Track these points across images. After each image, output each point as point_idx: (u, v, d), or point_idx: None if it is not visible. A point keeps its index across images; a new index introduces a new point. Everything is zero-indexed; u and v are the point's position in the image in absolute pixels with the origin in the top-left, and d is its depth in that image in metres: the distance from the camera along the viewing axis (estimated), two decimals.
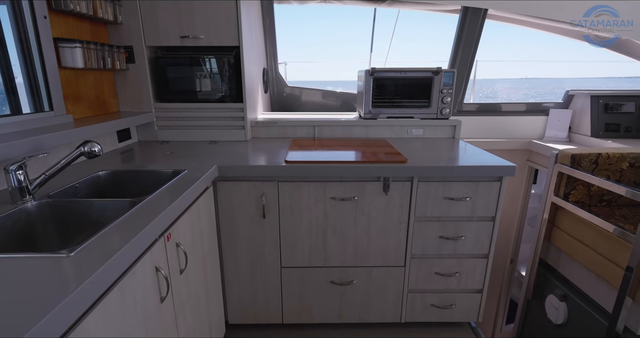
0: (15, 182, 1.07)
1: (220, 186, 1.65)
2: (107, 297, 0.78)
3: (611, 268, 1.63)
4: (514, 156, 2.83)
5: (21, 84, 1.46)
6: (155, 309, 1.02)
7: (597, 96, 2.60)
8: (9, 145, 1.12)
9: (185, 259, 1.21)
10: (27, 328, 0.55)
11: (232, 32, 1.95)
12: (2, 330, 0.55)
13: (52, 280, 0.69)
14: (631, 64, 2.69)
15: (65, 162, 1.15)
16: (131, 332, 0.88)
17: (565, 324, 1.96)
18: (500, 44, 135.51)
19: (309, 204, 1.69)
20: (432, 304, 1.87)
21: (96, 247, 0.82)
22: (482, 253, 1.79)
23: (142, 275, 0.94)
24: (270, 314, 1.88)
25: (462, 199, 1.69)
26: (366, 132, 2.28)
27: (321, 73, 4.34)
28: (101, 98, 1.93)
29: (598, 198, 2.01)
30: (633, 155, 1.97)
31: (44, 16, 1.46)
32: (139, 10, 1.92)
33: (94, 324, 0.73)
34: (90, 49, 1.67)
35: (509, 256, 3.10)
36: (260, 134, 2.27)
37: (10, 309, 0.61)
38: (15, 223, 1.03)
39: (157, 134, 2.14)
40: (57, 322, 0.61)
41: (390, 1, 2.58)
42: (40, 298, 0.63)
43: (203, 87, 2.11)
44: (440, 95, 2.18)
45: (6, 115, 1.37)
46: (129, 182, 1.46)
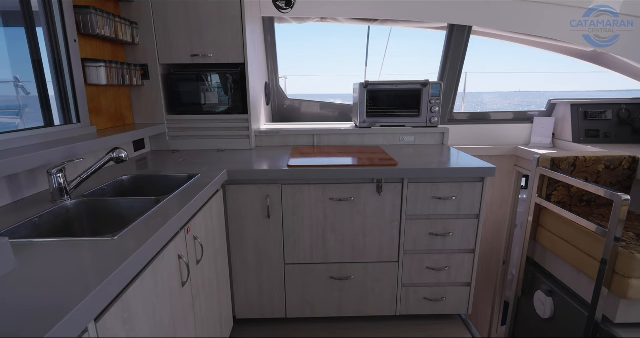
0: (56, 183, 1.24)
1: (229, 189, 1.82)
2: (144, 274, 0.94)
3: (590, 263, 1.76)
4: (502, 162, 3.00)
5: (52, 99, 1.64)
6: (178, 291, 1.18)
7: (576, 105, 2.79)
8: (50, 152, 1.29)
9: (201, 251, 1.38)
10: (96, 285, 0.73)
11: (238, 51, 2.16)
12: (85, 286, 0.73)
13: (106, 255, 0.87)
14: (607, 74, 2.89)
15: (97, 166, 1.32)
16: (160, 306, 1.04)
17: (552, 318, 2.07)
18: (488, 57, 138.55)
19: (309, 205, 1.85)
20: (425, 297, 2.02)
21: (133, 234, 0.99)
22: (469, 248, 1.95)
23: (169, 260, 1.11)
24: (275, 309, 2.02)
25: (448, 198, 1.86)
26: (362, 139, 2.46)
27: (319, 86, 4.56)
28: (119, 111, 2.12)
29: (578, 198, 2.17)
30: (608, 158, 2.13)
31: (74, 40, 1.66)
32: (154, 32, 2.13)
33: (134, 294, 0.89)
34: (112, 68, 1.86)
35: (501, 258, 3.24)
36: (264, 142, 2.45)
37: (81, 273, 0.79)
38: (58, 218, 1.19)
39: (169, 143, 2.32)
40: (114, 283, 0.78)
41: (382, 20, 2.80)
42: (100, 268, 0.81)
43: (211, 101, 2.31)
44: (429, 105, 2.37)
45: (41, 126, 1.55)
46: (148, 185, 1.64)
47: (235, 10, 2.09)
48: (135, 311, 0.89)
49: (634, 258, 1.57)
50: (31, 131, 1.46)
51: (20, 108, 1.79)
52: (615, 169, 2.15)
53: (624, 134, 2.75)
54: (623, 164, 2.14)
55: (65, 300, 0.67)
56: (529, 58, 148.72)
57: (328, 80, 6.12)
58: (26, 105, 1.76)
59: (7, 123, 1.70)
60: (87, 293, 0.69)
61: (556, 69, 52.14)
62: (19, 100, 1.71)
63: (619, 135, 2.75)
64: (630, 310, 1.63)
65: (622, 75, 2.92)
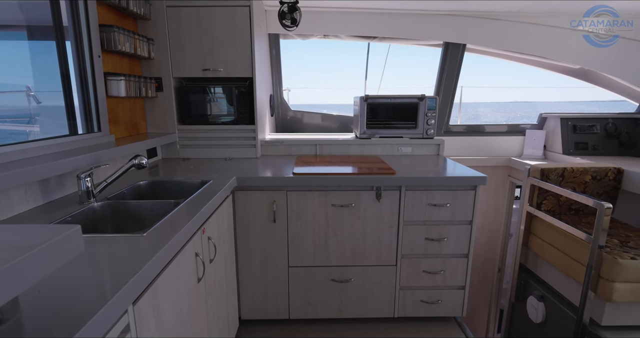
0: (84, 187, 1.36)
1: (238, 195, 1.94)
2: (169, 267, 1.06)
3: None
4: (496, 172, 3.14)
5: (76, 109, 1.77)
6: (194, 286, 1.29)
7: (566, 118, 2.94)
8: (78, 158, 1.42)
9: (214, 251, 1.49)
10: (134, 272, 0.84)
11: (246, 66, 2.31)
12: (126, 273, 0.85)
13: (138, 249, 0.99)
14: (592, 89, 3.05)
15: (121, 171, 1.45)
16: (180, 296, 1.16)
17: (544, 323, 2.15)
18: (484, 72, 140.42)
19: (313, 210, 1.97)
20: (422, 300, 2.12)
21: (160, 231, 1.11)
22: (463, 253, 2.06)
23: (188, 257, 1.22)
24: (279, 310, 2.12)
25: (443, 205, 1.98)
26: (361, 150, 2.60)
27: (322, 98, 4.73)
28: (134, 121, 2.25)
29: (567, 207, 2.29)
30: (594, 169, 2.26)
31: (98, 56, 1.80)
32: (169, 48, 2.28)
33: (162, 284, 1.01)
34: (130, 81, 2.00)
35: (496, 266, 3.34)
36: (269, 152, 2.59)
37: (120, 265, 0.91)
38: (87, 218, 1.31)
39: (179, 151, 2.45)
40: (149, 270, 0.90)
41: (381, 37, 2.97)
42: (135, 259, 0.93)
43: (220, 111, 2.45)
44: (425, 118, 2.52)
45: (67, 135, 1.68)
46: (163, 190, 1.76)
47: (245, 28, 2.25)
48: (162, 299, 1.01)
49: (617, 263, 1.68)
50: (58, 139, 1.58)
51: (31, 117, 1.93)
52: (601, 179, 2.28)
53: (611, 146, 2.89)
54: (608, 175, 2.27)
55: (112, 283, 0.79)
56: (522, 74, 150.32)
57: (330, 92, 6.28)
58: (37, 114, 1.90)
59: (18, 131, 1.84)
60: (128, 279, 0.81)
61: (547, 84, 53.07)
62: (30, 109, 1.85)
63: (607, 147, 2.89)
64: (616, 313, 1.73)
65: (607, 90, 3.09)
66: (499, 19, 2.79)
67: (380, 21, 2.83)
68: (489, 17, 2.79)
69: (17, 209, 1.26)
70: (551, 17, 2.75)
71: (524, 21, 2.78)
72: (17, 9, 1.68)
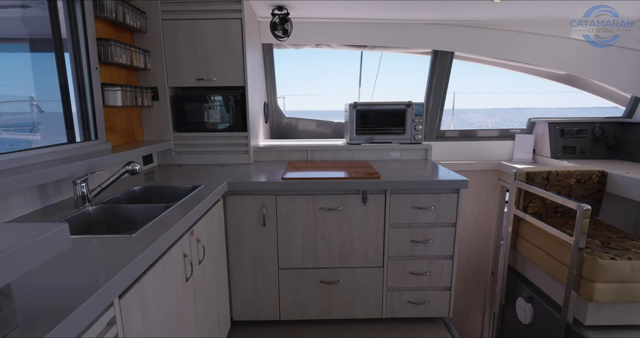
0: (80, 192, 1.45)
1: (229, 199, 2.02)
2: (156, 266, 1.13)
3: (562, 269, 1.89)
4: (487, 176, 3.20)
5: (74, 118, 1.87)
6: (182, 285, 1.36)
7: (554, 123, 3.00)
8: (75, 165, 1.50)
9: (203, 252, 1.56)
10: (120, 269, 0.92)
11: (239, 76, 2.40)
12: (113, 270, 0.92)
13: (127, 248, 1.06)
14: (581, 94, 3.12)
15: (115, 177, 1.53)
16: (168, 295, 1.23)
17: (532, 324, 2.19)
18: (476, 78, 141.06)
19: (301, 214, 2.04)
20: (409, 301, 2.17)
21: (148, 232, 1.18)
22: (447, 254, 2.12)
23: (176, 257, 1.29)
24: (269, 311, 2.18)
25: (427, 208, 2.04)
26: (351, 155, 2.67)
27: (316, 105, 4.82)
28: (130, 129, 2.34)
29: (553, 210, 2.34)
30: (579, 173, 2.32)
31: (95, 67, 1.90)
32: (164, 59, 2.38)
33: (148, 281, 1.08)
34: (126, 91, 2.10)
35: (489, 269, 3.38)
36: (262, 157, 2.67)
37: (108, 262, 0.98)
38: (81, 221, 1.39)
39: (175, 158, 2.54)
40: (135, 267, 0.98)
41: (371, 46, 3.06)
42: (123, 257, 1.00)
43: (214, 119, 2.54)
44: (413, 124, 2.59)
45: (65, 143, 1.77)
46: (157, 195, 1.84)
47: (237, 39, 2.34)
48: (149, 296, 1.08)
49: (597, 263, 1.73)
50: (56, 147, 1.67)
51: (34, 125, 2.03)
52: (586, 182, 2.34)
53: (598, 150, 2.94)
54: (593, 178, 2.33)
55: (99, 278, 0.87)
56: (513, 80, 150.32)
57: (324, 99, 6.37)
58: (40, 123, 2.00)
59: (21, 140, 1.94)
60: (114, 274, 0.88)
61: (537, 89, 53.12)
62: (33, 117, 1.95)
63: (594, 151, 2.94)
64: (598, 313, 1.77)
65: (593, 95, 3.15)
66: (485, 27, 2.88)
67: (371, 31, 2.92)
68: (476, 26, 2.87)
69: (16, 213, 1.34)
70: (539, 25, 2.84)
71: (510, 29, 2.87)
72: (20, 22, 1.79)
